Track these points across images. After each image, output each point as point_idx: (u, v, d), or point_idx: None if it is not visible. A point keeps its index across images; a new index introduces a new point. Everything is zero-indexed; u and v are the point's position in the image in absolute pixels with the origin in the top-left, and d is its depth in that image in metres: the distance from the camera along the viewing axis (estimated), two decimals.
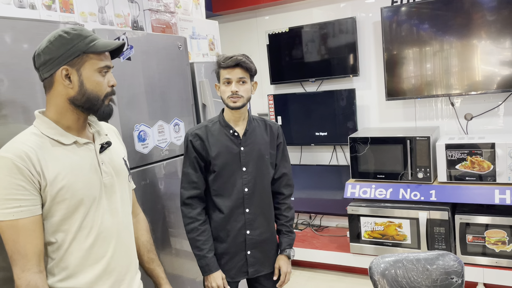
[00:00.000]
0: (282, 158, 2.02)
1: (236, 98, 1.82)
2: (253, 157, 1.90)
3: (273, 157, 1.98)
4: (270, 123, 2.00)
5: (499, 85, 3.06)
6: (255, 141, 1.92)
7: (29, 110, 1.52)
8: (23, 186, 1.14)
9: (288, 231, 2.02)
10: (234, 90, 1.81)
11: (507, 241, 2.76)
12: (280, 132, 2.02)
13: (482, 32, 3.06)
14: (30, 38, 1.53)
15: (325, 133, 3.78)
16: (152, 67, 2.12)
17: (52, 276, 1.24)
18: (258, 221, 1.93)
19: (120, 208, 1.36)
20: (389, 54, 3.36)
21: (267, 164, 1.94)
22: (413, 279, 1.56)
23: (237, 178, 1.88)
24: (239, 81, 1.82)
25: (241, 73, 1.81)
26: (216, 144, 1.88)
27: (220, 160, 1.87)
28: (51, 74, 1.21)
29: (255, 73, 1.88)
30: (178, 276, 2.25)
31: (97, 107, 1.26)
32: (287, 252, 1.99)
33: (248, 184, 1.89)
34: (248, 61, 1.83)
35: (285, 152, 2.04)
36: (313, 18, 3.83)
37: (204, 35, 2.87)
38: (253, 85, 1.91)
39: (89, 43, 1.22)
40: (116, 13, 2.20)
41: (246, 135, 1.90)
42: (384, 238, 3.15)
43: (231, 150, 1.87)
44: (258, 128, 1.95)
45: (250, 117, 1.95)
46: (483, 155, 2.82)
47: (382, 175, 3.16)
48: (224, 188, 1.89)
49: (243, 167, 1.89)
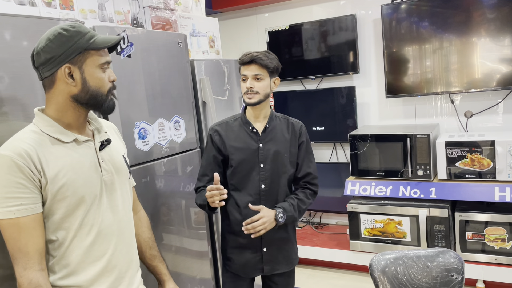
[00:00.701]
0: (305, 157, 1.98)
1: (251, 94, 1.83)
2: (272, 154, 1.89)
3: (293, 156, 1.95)
4: (293, 122, 1.98)
5: (499, 82, 3.06)
6: (275, 139, 1.91)
7: (29, 107, 1.52)
8: (23, 184, 1.14)
9: (291, 203, 1.90)
10: (248, 87, 1.82)
11: (507, 238, 2.76)
12: (303, 131, 1.98)
13: (481, 29, 3.05)
14: (30, 35, 1.53)
15: (325, 131, 3.78)
16: (152, 64, 2.11)
17: (53, 273, 1.24)
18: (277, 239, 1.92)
19: (120, 206, 1.36)
20: (389, 51, 3.36)
21: (286, 162, 1.92)
22: (413, 276, 1.56)
23: (255, 174, 1.88)
24: (254, 78, 1.82)
25: (257, 70, 1.82)
26: (236, 139, 1.90)
27: (238, 156, 1.88)
28: (52, 72, 1.21)
29: (275, 70, 1.87)
30: (179, 274, 2.25)
31: (101, 103, 1.27)
32: (276, 211, 1.85)
33: (265, 181, 1.89)
34: (265, 58, 1.82)
35: (308, 151, 2.00)
36: (313, 16, 3.82)
37: (204, 32, 2.86)
38: (274, 81, 1.91)
39: (89, 39, 1.21)
40: (116, 10, 2.19)
41: (265, 132, 1.90)
42: (384, 235, 3.15)
43: (249, 146, 1.89)
44: (279, 126, 1.94)
45: (272, 114, 1.95)
46: (483, 153, 2.83)
47: (382, 173, 3.17)
48: (241, 183, 1.90)
49: (260, 164, 1.88)
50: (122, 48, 1.93)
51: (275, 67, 1.86)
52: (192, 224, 2.35)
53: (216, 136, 1.92)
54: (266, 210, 1.84)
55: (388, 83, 3.41)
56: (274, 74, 1.89)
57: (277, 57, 1.91)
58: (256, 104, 1.84)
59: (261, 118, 1.92)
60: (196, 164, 2.39)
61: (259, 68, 1.82)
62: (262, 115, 1.92)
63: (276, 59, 1.89)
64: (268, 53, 1.86)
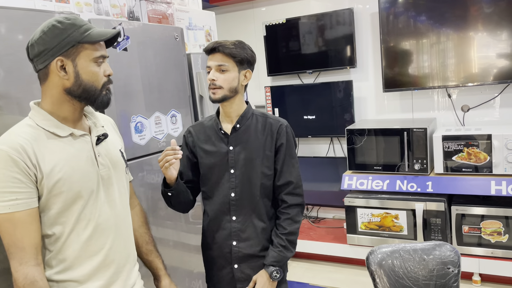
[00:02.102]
0: (285, 162, 1.68)
1: (214, 89, 1.59)
2: (243, 158, 1.65)
3: (269, 160, 1.67)
4: (272, 120, 1.70)
5: (496, 76, 3.06)
6: (247, 140, 1.66)
7: (24, 101, 1.51)
8: (19, 178, 1.13)
9: (281, 244, 1.65)
10: (210, 78, 1.58)
11: (503, 231, 2.78)
12: (282, 132, 1.67)
13: (479, 24, 3.05)
14: (25, 28, 1.51)
15: (322, 125, 3.78)
16: (149, 58, 2.10)
17: (50, 268, 1.24)
18: (248, 232, 1.68)
19: (118, 200, 1.35)
20: (386, 45, 3.35)
21: (259, 168, 1.66)
22: (410, 269, 1.57)
23: (225, 181, 1.67)
24: (218, 69, 1.58)
25: (220, 59, 1.57)
26: (207, 142, 1.70)
27: (207, 159, 1.69)
28: (45, 65, 1.19)
29: (245, 61, 1.61)
30: (176, 268, 2.25)
31: (94, 97, 1.25)
32: (269, 270, 1.64)
33: (235, 189, 1.66)
34: (232, 46, 1.57)
35: (290, 154, 1.69)
36: (311, 9, 3.81)
37: (201, 26, 2.85)
38: (245, 74, 1.63)
39: (83, 32, 1.20)
40: (112, 3, 2.18)
41: (236, 133, 1.66)
42: (381, 229, 3.16)
43: (219, 149, 1.67)
44: (255, 126, 1.68)
45: (247, 113, 1.69)
46: (480, 147, 2.83)
47: (379, 167, 3.17)
48: (211, 190, 1.70)
49: (231, 169, 1.66)
50: (118, 42, 1.91)
51: (245, 57, 1.60)
52: (189, 219, 2.35)
53: (190, 138, 1.74)
54: (259, 281, 1.64)
55: (385, 77, 3.40)
56: (245, 66, 1.62)
57: (251, 48, 1.66)
58: (220, 100, 1.61)
59: (233, 117, 1.67)
60: None
61: (223, 57, 1.57)
62: (234, 114, 1.67)
63: (249, 49, 1.64)
64: (239, 42, 1.62)
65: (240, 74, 1.61)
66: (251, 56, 1.63)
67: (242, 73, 1.62)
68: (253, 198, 1.67)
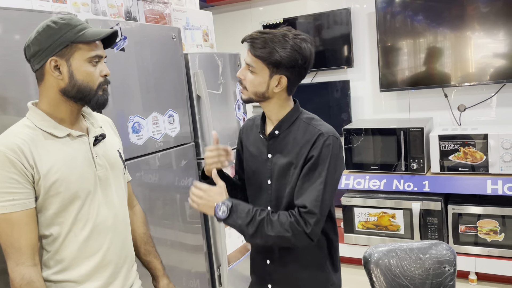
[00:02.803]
0: (305, 180, 1.32)
1: (242, 88, 1.38)
2: (277, 170, 1.40)
3: (298, 174, 1.37)
4: (312, 128, 1.38)
5: (492, 76, 3.08)
6: (284, 150, 1.39)
7: (21, 102, 1.51)
8: (16, 179, 1.13)
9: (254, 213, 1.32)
10: (238, 75, 1.37)
11: (499, 231, 2.79)
12: (318, 143, 1.32)
13: (475, 24, 3.06)
14: (22, 29, 1.51)
15: None
16: (146, 58, 2.10)
17: (47, 268, 1.24)
18: (282, 252, 1.44)
19: (116, 201, 1.35)
20: (383, 45, 3.36)
21: (289, 183, 1.38)
22: (406, 268, 1.58)
23: (263, 191, 1.45)
24: (247, 67, 1.34)
25: (250, 58, 1.31)
26: (253, 143, 1.49)
27: (250, 163, 1.49)
28: (41, 65, 1.19)
29: (282, 64, 1.28)
30: (174, 267, 2.25)
31: (89, 98, 1.24)
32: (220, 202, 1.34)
33: (271, 202, 1.42)
34: (261, 43, 1.27)
35: (313, 172, 1.32)
36: (308, 9, 3.81)
37: (198, 26, 2.85)
38: (279, 79, 1.32)
39: (77, 32, 1.19)
40: (109, 4, 2.18)
41: (274, 140, 1.42)
42: (377, 228, 3.17)
43: (260, 154, 1.45)
44: (294, 134, 1.39)
45: (292, 117, 1.42)
46: (476, 146, 2.85)
47: (376, 166, 3.18)
48: (253, 198, 1.50)
49: (268, 179, 1.43)
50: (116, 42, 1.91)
51: (280, 60, 1.27)
52: (187, 218, 2.35)
53: (243, 134, 1.55)
54: (218, 191, 1.35)
55: (382, 77, 3.41)
56: (281, 70, 1.30)
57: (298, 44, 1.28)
58: (247, 102, 1.39)
59: (273, 121, 1.43)
60: (191, 158, 2.39)
61: (252, 57, 1.30)
62: (273, 117, 1.42)
63: (292, 48, 1.27)
64: (282, 36, 1.27)
65: (271, 79, 1.32)
66: (291, 57, 1.28)
67: (275, 78, 1.31)
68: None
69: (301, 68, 1.33)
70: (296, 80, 1.37)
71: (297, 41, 1.29)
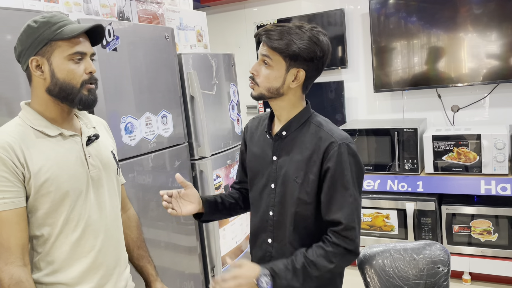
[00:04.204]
0: (332, 195, 1.25)
1: (252, 83, 1.31)
2: (283, 174, 1.32)
3: (312, 186, 1.27)
4: (323, 134, 1.28)
5: (485, 77, 3.09)
6: (290, 154, 1.31)
7: (13, 103, 1.49)
8: (6, 177, 1.12)
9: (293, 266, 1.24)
10: (251, 71, 1.30)
11: (492, 231, 2.81)
12: (333, 152, 1.24)
13: (468, 25, 3.08)
14: (13, 28, 1.50)
15: None
16: (139, 58, 2.09)
17: (38, 270, 1.22)
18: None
19: (107, 202, 1.34)
20: (377, 46, 3.37)
21: (296, 191, 1.29)
22: (400, 268, 1.57)
23: (265, 195, 1.37)
24: (262, 60, 1.26)
25: (265, 50, 1.24)
26: (256, 143, 1.42)
27: (252, 163, 1.43)
28: (26, 66, 1.19)
29: (300, 56, 1.21)
30: (167, 269, 2.24)
31: (72, 97, 1.20)
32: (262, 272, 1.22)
33: (274, 208, 1.35)
34: (278, 34, 1.20)
35: (338, 185, 1.24)
36: (302, 10, 3.82)
37: (192, 26, 2.84)
38: (296, 74, 1.25)
39: (56, 30, 1.16)
40: (101, 3, 2.16)
41: (281, 141, 1.34)
42: (372, 229, 3.17)
43: (265, 156, 1.38)
44: (303, 137, 1.31)
45: (302, 118, 1.33)
46: (469, 146, 2.86)
47: (370, 167, 3.18)
48: (255, 200, 1.43)
49: (271, 183, 1.35)
50: (108, 42, 1.90)
51: (298, 51, 1.20)
52: (180, 220, 2.34)
53: (246, 134, 1.49)
54: (248, 268, 1.23)
55: (376, 77, 3.42)
56: (299, 63, 1.23)
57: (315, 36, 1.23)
58: (257, 99, 1.33)
59: (282, 121, 1.35)
60: (185, 159, 2.38)
61: (268, 49, 1.23)
62: (283, 117, 1.35)
63: (310, 39, 1.21)
64: (298, 27, 1.22)
65: (288, 73, 1.25)
66: (310, 50, 1.21)
67: (292, 72, 1.25)
68: (294, 223, 1.32)
69: (319, 62, 1.26)
70: (313, 75, 1.30)
71: (314, 32, 1.24)
